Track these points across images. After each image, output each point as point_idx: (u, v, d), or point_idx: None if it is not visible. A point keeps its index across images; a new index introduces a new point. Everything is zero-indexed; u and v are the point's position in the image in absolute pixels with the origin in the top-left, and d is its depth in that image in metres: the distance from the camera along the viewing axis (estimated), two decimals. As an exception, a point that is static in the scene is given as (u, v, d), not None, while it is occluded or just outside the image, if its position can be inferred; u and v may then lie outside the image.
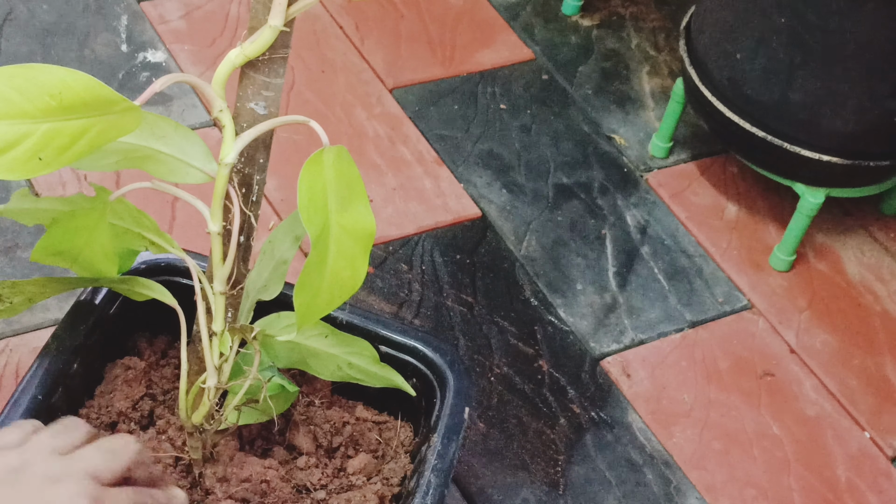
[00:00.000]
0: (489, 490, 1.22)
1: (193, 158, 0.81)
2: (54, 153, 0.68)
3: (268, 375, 0.95)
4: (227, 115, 0.79)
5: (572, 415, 1.30)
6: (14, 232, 1.34)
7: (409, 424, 1.06)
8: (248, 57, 0.78)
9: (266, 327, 0.95)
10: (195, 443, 0.93)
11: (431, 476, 0.95)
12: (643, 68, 1.73)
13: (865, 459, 1.32)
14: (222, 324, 0.88)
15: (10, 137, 0.67)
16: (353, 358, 0.98)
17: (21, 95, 0.67)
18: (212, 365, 0.88)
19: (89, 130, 0.69)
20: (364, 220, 0.80)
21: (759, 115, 1.42)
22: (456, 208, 1.49)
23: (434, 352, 1.04)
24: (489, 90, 1.66)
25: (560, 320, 1.39)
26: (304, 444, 1.01)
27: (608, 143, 1.62)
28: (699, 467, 1.28)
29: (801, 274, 1.50)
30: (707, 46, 1.46)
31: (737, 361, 1.39)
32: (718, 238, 1.52)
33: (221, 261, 0.85)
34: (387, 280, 1.39)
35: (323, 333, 0.97)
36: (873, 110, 1.38)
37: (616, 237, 1.50)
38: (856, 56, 1.34)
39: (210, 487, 0.95)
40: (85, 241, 0.83)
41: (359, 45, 1.67)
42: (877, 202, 1.60)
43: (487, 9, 1.78)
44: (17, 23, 1.59)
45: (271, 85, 0.80)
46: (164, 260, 1.04)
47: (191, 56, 1.59)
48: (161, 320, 1.01)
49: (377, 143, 1.55)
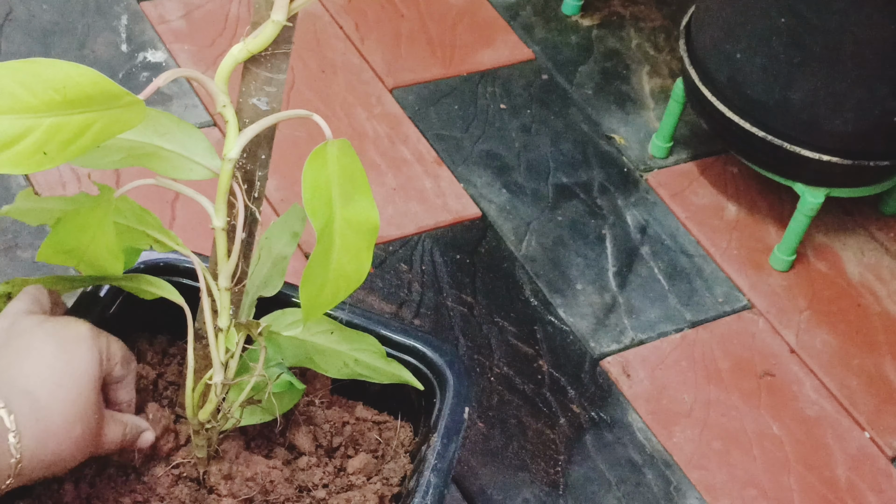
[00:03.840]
0: (489, 490, 1.22)
1: (196, 154, 0.81)
2: (59, 147, 0.68)
3: (276, 372, 0.95)
4: (231, 110, 0.79)
5: (572, 415, 1.30)
6: (14, 232, 1.34)
7: (409, 424, 1.06)
8: (251, 52, 0.78)
9: (271, 323, 0.95)
10: (200, 441, 0.93)
11: (431, 476, 0.95)
12: (643, 68, 1.73)
13: (865, 459, 1.32)
14: (228, 320, 0.88)
15: (15, 132, 0.67)
16: (360, 354, 0.98)
17: (25, 90, 0.67)
18: (218, 361, 0.88)
19: (94, 124, 0.69)
20: (368, 214, 0.80)
21: (759, 115, 1.42)
22: (456, 208, 1.49)
23: (434, 352, 1.04)
24: (489, 90, 1.66)
25: (560, 320, 1.39)
26: (304, 443, 1.01)
27: (608, 142, 1.62)
28: (699, 467, 1.28)
29: (801, 274, 1.50)
30: (707, 46, 1.46)
31: (737, 361, 1.39)
32: (718, 238, 1.52)
33: (226, 257, 0.85)
34: (387, 280, 1.39)
35: (328, 330, 0.97)
36: (873, 110, 1.38)
37: (616, 237, 1.50)
38: (856, 56, 1.34)
39: (214, 484, 0.94)
40: (90, 239, 0.83)
41: (359, 45, 1.67)
42: (877, 202, 1.60)
43: (487, 9, 1.78)
44: (17, 23, 1.59)
45: (274, 81, 0.80)
46: (162, 259, 1.03)
47: (191, 56, 1.59)
48: (160, 320, 1.01)
49: (377, 142, 1.55)
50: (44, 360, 0.83)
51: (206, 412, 0.91)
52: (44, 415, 0.81)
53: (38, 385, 0.82)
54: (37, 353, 0.84)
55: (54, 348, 0.84)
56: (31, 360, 0.83)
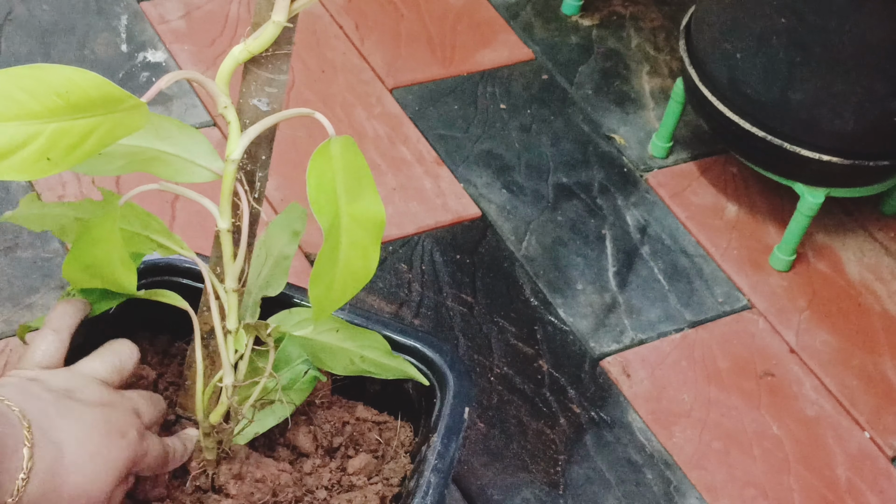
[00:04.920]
0: (489, 490, 1.22)
1: (199, 157, 0.81)
2: (63, 153, 0.67)
3: (303, 369, 0.95)
4: (232, 111, 0.79)
5: (572, 415, 1.30)
6: (14, 232, 1.34)
7: (409, 424, 1.06)
8: (252, 53, 0.78)
9: (279, 324, 0.95)
10: (210, 443, 0.93)
11: (431, 476, 0.95)
12: (643, 68, 1.73)
13: (865, 459, 1.32)
14: (236, 321, 0.88)
15: (19, 138, 0.67)
16: (366, 351, 0.98)
17: (29, 96, 0.67)
18: (228, 363, 0.88)
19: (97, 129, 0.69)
20: (374, 210, 0.80)
21: (759, 115, 1.42)
22: (456, 208, 1.49)
23: (434, 352, 1.04)
24: (489, 90, 1.66)
25: (560, 320, 1.39)
26: (305, 444, 1.01)
27: (608, 142, 1.62)
28: (699, 467, 1.28)
29: (801, 274, 1.50)
30: (707, 46, 1.46)
31: (737, 361, 1.39)
32: (718, 238, 1.52)
33: (232, 258, 0.85)
34: (387, 280, 1.39)
35: (334, 328, 0.97)
36: (873, 110, 1.38)
37: (616, 237, 1.50)
38: (856, 56, 1.34)
39: (223, 484, 0.94)
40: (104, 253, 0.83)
41: (359, 45, 1.67)
42: (877, 202, 1.60)
43: (487, 9, 1.78)
44: (17, 23, 1.59)
45: (275, 81, 0.80)
46: (163, 261, 1.03)
47: (191, 56, 1.59)
48: (160, 319, 1.01)
49: (377, 143, 1.55)
50: (86, 432, 0.84)
51: (218, 414, 0.91)
52: (60, 472, 0.81)
53: (71, 447, 0.82)
54: (85, 424, 0.84)
55: (103, 430, 0.85)
56: (76, 426, 0.84)
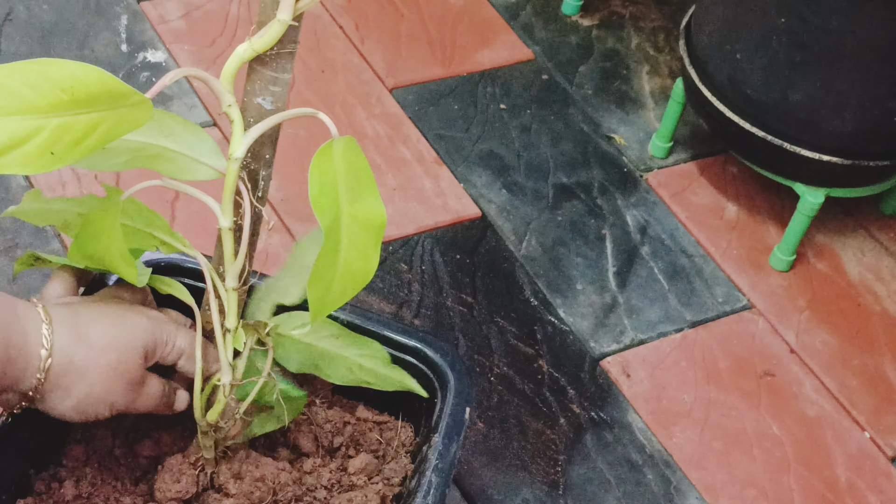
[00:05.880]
0: (489, 490, 1.22)
1: (202, 155, 0.81)
2: (66, 148, 0.67)
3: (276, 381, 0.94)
4: (236, 109, 0.79)
5: (572, 415, 1.30)
6: (14, 231, 1.34)
7: (410, 424, 1.06)
8: (257, 51, 0.78)
9: (279, 325, 0.94)
10: (208, 442, 0.93)
11: (432, 476, 0.95)
12: (643, 68, 1.74)
13: (865, 459, 1.32)
14: (236, 320, 0.88)
15: (23, 133, 0.67)
16: (365, 360, 0.98)
17: (32, 90, 0.67)
18: (226, 361, 0.88)
19: (101, 124, 0.69)
20: (375, 210, 0.80)
21: (759, 115, 1.42)
22: (456, 208, 1.49)
23: (434, 352, 1.04)
24: (489, 90, 1.66)
25: (560, 320, 1.39)
26: (306, 444, 1.01)
27: (608, 143, 1.62)
28: (699, 467, 1.28)
29: (801, 274, 1.51)
30: (707, 46, 1.47)
31: (737, 361, 1.39)
32: (718, 238, 1.52)
33: (233, 257, 0.85)
34: (387, 280, 1.39)
35: (334, 334, 0.97)
36: (873, 110, 1.38)
37: (616, 237, 1.50)
38: (856, 56, 1.35)
39: (223, 483, 0.94)
40: (104, 247, 0.83)
41: (359, 45, 1.67)
42: (877, 202, 1.60)
43: (487, 9, 1.78)
44: (17, 23, 1.58)
45: (279, 80, 0.80)
46: (164, 259, 1.03)
47: (191, 56, 1.59)
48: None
49: (377, 143, 1.55)
50: (103, 310, 0.87)
51: (215, 413, 0.91)
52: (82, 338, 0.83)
53: (89, 319, 0.85)
54: (101, 308, 0.87)
55: (121, 309, 0.88)
56: (93, 308, 0.86)
